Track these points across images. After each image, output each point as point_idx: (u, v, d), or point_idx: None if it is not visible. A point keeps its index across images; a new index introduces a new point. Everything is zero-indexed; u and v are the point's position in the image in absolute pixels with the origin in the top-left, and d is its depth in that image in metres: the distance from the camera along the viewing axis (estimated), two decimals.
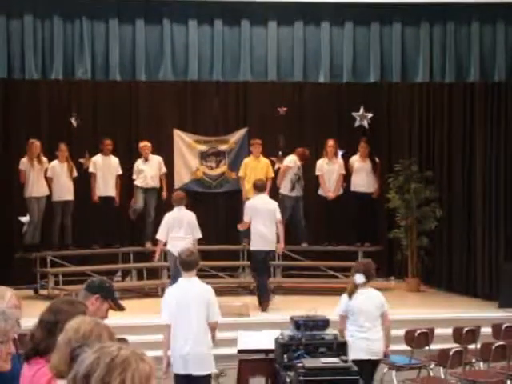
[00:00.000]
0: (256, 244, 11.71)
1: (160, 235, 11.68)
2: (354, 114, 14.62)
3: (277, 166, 14.22)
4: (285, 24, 11.00)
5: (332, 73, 11.09)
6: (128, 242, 13.94)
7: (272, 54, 10.96)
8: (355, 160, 14.25)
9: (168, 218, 11.55)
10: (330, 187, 14.10)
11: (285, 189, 13.86)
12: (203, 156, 14.66)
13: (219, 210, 14.79)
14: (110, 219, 13.73)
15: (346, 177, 14.26)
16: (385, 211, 14.30)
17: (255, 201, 11.87)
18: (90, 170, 13.79)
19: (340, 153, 14.32)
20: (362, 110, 14.69)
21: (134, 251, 13.83)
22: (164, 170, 13.96)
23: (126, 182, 13.99)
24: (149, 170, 13.88)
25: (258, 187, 11.95)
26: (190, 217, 11.54)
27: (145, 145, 13.84)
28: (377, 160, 14.24)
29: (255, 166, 13.85)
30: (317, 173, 14.12)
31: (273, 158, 14.32)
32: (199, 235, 11.60)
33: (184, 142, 14.62)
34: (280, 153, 14.32)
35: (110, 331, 3.22)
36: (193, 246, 10.14)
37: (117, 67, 10.69)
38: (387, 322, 8.23)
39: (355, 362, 7.48)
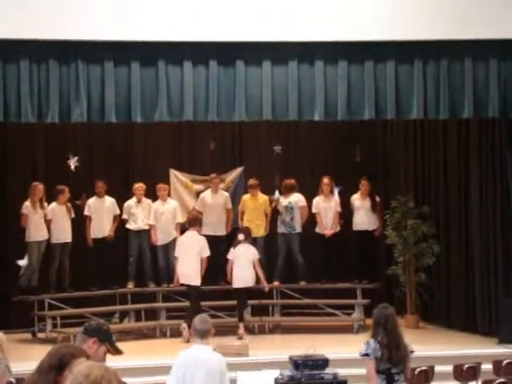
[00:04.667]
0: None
1: None
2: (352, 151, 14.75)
3: (273, 204, 14.23)
4: (279, 64, 11.09)
5: (327, 111, 11.15)
6: (126, 283, 13.89)
7: (267, 93, 11.03)
8: (355, 198, 14.26)
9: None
10: (326, 225, 14.10)
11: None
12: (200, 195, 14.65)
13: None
14: (107, 261, 13.73)
15: (344, 214, 14.26)
16: (383, 248, 14.29)
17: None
18: (85, 212, 13.83)
19: (336, 190, 14.33)
20: (357, 147, 14.77)
21: (131, 292, 13.79)
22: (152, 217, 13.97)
23: (123, 222, 14.03)
24: (140, 213, 13.92)
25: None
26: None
27: (140, 186, 13.88)
28: (377, 199, 14.23)
29: (253, 206, 13.90)
30: (313, 210, 14.12)
31: (270, 197, 14.32)
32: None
33: (180, 182, 14.65)
34: (276, 191, 14.34)
35: (118, 378, 3.22)
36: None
37: (112, 109, 10.75)
38: (258, 265, 12.76)
39: (236, 289, 12.71)
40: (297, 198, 14.00)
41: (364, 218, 14.12)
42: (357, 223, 14.18)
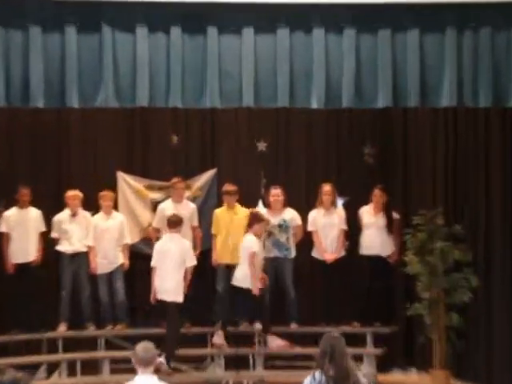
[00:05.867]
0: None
1: None
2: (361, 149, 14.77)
3: None
4: (264, 31, 11.13)
5: (328, 96, 11.24)
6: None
7: (248, 71, 11.05)
8: (365, 211, 14.27)
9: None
10: (327, 247, 14.11)
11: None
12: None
13: None
14: (32, 294, 13.67)
15: (350, 233, 14.27)
16: (401, 279, 14.30)
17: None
18: (2, 229, 13.79)
19: (340, 201, 14.34)
20: (368, 144, 14.79)
21: (63, 337, 13.74)
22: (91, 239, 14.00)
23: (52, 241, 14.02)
24: (75, 230, 13.90)
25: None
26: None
27: (75, 194, 13.84)
28: (395, 216, 14.23)
29: (230, 220, 13.87)
30: (309, 228, 14.12)
31: (251, 210, 14.31)
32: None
33: (131, 189, 14.61)
34: (260, 203, 14.33)
35: None
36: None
37: (40, 90, 10.74)
38: (251, 261, 13.21)
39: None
40: (291, 215, 14.01)
41: (376, 240, 14.14)
42: (366, 246, 14.20)
